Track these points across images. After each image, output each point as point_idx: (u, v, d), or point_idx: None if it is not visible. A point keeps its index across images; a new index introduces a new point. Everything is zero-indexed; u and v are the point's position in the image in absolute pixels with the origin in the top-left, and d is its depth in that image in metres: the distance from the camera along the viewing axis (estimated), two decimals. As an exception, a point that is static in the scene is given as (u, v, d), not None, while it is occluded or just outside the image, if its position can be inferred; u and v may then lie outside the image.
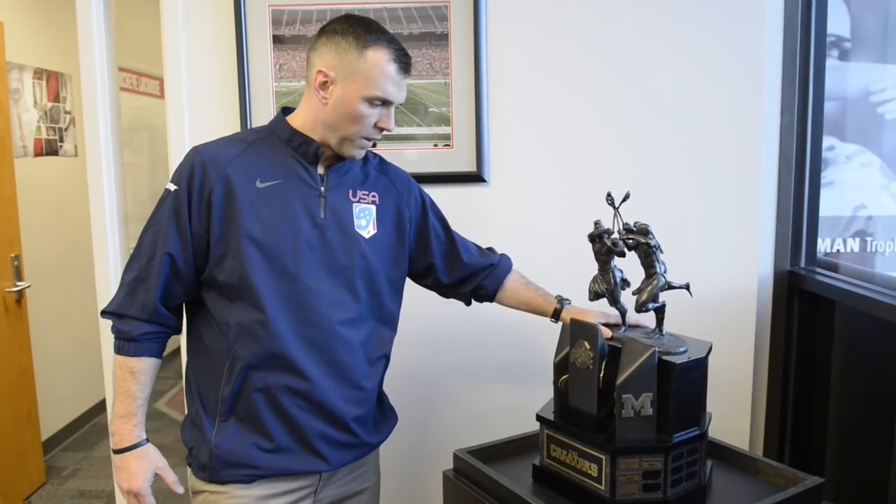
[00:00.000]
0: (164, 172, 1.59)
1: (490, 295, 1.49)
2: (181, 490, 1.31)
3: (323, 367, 1.27)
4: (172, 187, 1.25)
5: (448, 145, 1.84)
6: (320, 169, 1.30)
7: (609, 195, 1.25)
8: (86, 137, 1.92)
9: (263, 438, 1.26)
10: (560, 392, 1.28)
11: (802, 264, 1.90)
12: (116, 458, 1.28)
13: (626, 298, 1.32)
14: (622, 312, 1.34)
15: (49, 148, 3.52)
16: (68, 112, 3.67)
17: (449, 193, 1.79)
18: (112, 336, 1.27)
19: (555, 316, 1.44)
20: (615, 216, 1.26)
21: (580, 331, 1.24)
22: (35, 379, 3.04)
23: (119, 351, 1.27)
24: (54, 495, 3.01)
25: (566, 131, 1.83)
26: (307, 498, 1.32)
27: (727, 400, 1.84)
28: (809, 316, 1.86)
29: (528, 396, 1.53)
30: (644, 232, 1.23)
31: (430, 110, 1.83)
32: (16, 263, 2.86)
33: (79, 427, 3.68)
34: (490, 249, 1.53)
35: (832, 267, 1.84)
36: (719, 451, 1.40)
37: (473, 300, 1.52)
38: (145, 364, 1.27)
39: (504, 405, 1.85)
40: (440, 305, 1.59)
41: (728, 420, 1.82)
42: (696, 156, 1.83)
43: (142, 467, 1.27)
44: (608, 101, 1.82)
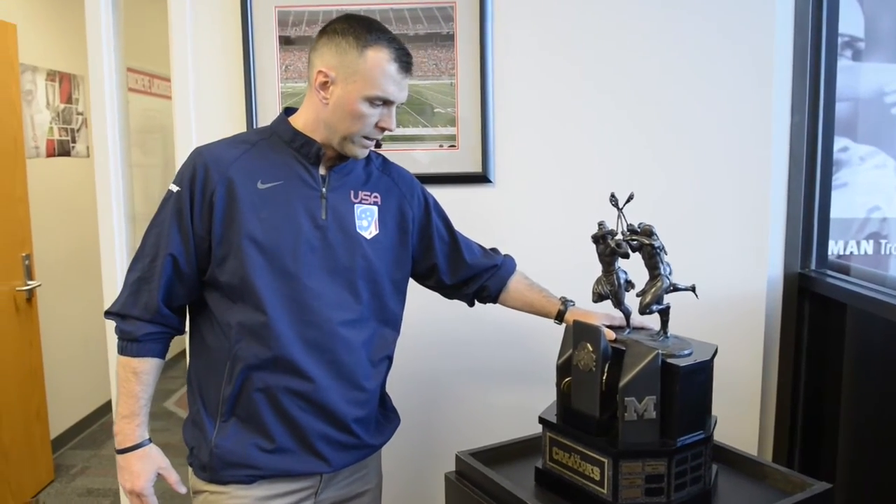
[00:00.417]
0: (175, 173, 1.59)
1: (493, 296, 1.48)
2: (183, 490, 1.31)
3: (325, 368, 1.26)
4: (175, 188, 1.25)
5: (453, 146, 1.83)
6: (322, 170, 1.30)
7: (613, 196, 1.24)
8: (94, 138, 1.93)
9: (264, 439, 1.26)
10: (563, 394, 1.27)
11: (813, 266, 1.87)
12: (119, 458, 1.29)
13: (631, 300, 1.30)
14: (626, 314, 1.32)
15: (61, 149, 3.56)
16: (80, 113, 3.70)
17: (454, 194, 1.78)
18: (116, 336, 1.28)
19: (558, 317, 1.43)
20: (619, 217, 1.25)
21: (583, 333, 1.22)
22: (44, 377, 3.06)
23: (122, 351, 1.27)
24: (62, 493, 3.03)
25: (572, 132, 1.81)
26: (308, 499, 1.31)
27: (735, 404, 1.81)
28: (820, 319, 1.84)
29: (532, 398, 1.51)
30: (648, 233, 1.22)
31: (436, 111, 1.82)
32: (27, 263, 2.89)
33: (87, 425, 3.70)
34: (494, 250, 1.52)
35: (843, 269, 1.81)
36: (726, 456, 1.38)
37: (477, 301, 1.51)
38: (148, 364, 1.27)
39: (507, 407, 1.84)
40: (443, 307, 1.58)
41: (736, 424, 1.80)
42: (705, 156, 1.81)
43: (144, 467, 1.28)
44: (614, 102, 1.80)
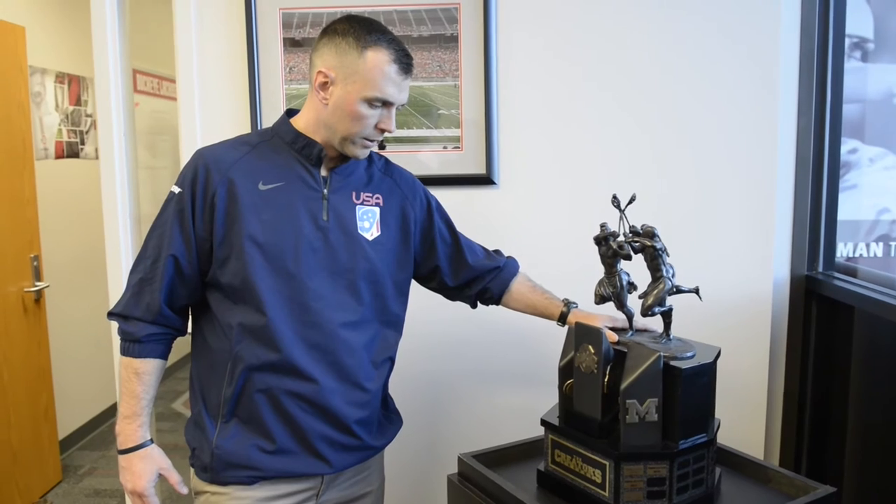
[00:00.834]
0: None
1: (496, 298, 1.47)
2: (185, 491, 1.32)
3: (326, 370, 1.26)
4: (176, 189, 1.25)
5: (457, 147, 1.83)
6: (323, 171, 1.30)
7: (614, 197, 1.23)
8: (100, 140, 1.94)
9: (265, 440, 1.26)
10: (565, 397, 1.26)
11: (820, 269, 1.85)
12: (121, 459, 1.29)
13: (635, 302, 1.30)
14: (629, 316, 1.32)
15: (70, 150, 3.58)
16: (89, 115, 3.72)
17: (458, 196, 1.79)
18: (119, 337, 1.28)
19: (561, 319, 1.42)
20: (621, 219, 1.24)
21: (585, 335, 1.22)
22: (52, 378, 3.08)
23: (125, 352, 1.28)
24: (70, 493, 3.04)
25: (576, 134, 1.81)
26: (309, 501, 1.31)
27: (741, 407, 1.80)
28: (827, 321, 1.82)
29: (535, 400, 1.51)
30: (650, 235, 1.21)
31: (440, 113, 1.82)
32: (35, 264, 2.91)
33: (95, 426, 3.72)
34: (497, 252, 1.52)
35: (851, 272, 1.80)
36: (729, 459, 1.37)
37: (479, 303, 1.50)
38: (150, 365, 1.28)
39: (511, 409, 1.83)
40: (446, 308, 1.58)
41: (742, 428, 1.79)
42: (710, 157, 1.80)
43: (146, 468, 1.28)
44: (618, 103, 1.79)
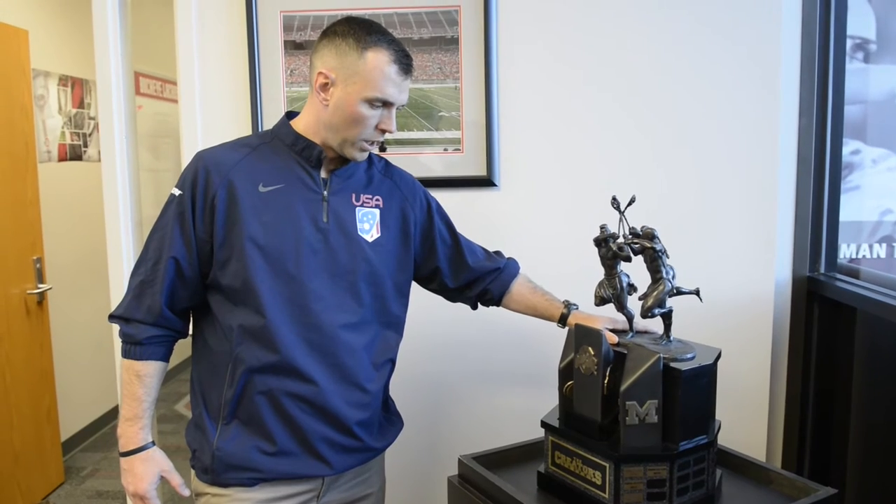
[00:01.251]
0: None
1: (496, 299, 1.47)
2: (187, 492, 1.32)
3: (326, 371, 1.26)
4: (177, 192, 1.26)
5: (458, 149, 1.83)
6: (323, 173, 1.30)
7: (614, 199, 1.23)
8: (102, 142, 1.94)
9: (265, 441, 1.26)
10: (565, 398, 1.26)
11: (822, 270, 1.85)
12: (123, 461, 1.29)
13: (635, 304, 1.29)
14: (629, 318, 1.32)
15: (73, 153, 3.59)
16: (92, 118, 3.73)
17: (459, 198, 1.79)
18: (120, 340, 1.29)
19: (561, 321, 1.42)
20: (620, 220, 1.24)
21: (585, 336, 1.22)
22: (55, 380, 3.09)
23: (126, 354, 1.28)
24: (72, 495, 3.05)
25: (576, 135, 1.81)
26: (310, 502, 1.31)
27: (743, 408, 1.80)
28: (829, 323, 1.81)
29: (536, 401, 1.51)
30: (649, 236, 1.21)
31: (441, 115, 1.82)
32: (38, 266, 2.92)
33: (98, 428, 3.72)
34: (498, 253, 1.52)
35: (853, 273, 1.79)
36: (730, 461, 1.36)
37: (480, 304, 1.51)
38: (151, 367, 1.28)
39: (511, 410, 1.83)
40: (446, 310, 1.58)
41: (744, 429, 1.78)
42: (711, 159, 1.80)
43: (147, 470, 1.28)
44: (619, 105, 1.79)
